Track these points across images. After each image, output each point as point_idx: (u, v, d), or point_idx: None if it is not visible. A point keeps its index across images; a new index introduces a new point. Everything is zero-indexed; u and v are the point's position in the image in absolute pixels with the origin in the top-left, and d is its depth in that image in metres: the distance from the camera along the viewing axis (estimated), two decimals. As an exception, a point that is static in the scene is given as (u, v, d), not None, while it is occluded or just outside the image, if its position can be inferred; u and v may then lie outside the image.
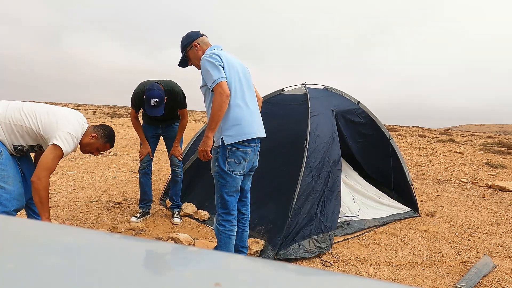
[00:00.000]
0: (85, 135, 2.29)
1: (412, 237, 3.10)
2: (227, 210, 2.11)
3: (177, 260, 0.42)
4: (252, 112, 2.12)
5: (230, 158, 2.04)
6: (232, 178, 2.07)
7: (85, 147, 2.33)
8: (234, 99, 2.03)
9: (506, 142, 10.52)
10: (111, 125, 16.20)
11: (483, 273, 2.40)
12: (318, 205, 2.83)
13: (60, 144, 2.03)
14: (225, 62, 2.03)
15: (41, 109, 2.14)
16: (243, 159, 2.07)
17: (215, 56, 2.01)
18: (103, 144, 2.37)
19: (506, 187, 4.95)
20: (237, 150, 2.04)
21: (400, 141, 10.75)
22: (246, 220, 2.34)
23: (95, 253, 0.41)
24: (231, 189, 2.09)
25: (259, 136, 2.13)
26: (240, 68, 2.15)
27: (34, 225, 0.53)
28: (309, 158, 2.85)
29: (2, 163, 2.02)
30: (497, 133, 24.60)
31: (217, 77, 1.94)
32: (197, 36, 2.23)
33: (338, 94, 3.75)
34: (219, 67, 1.97)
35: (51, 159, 2.01)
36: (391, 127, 18.82)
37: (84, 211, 3.45)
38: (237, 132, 2.02)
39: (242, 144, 2.04)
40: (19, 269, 0.34)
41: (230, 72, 2.04)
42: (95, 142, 2.33)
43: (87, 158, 6.55)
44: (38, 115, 2.10)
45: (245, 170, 2.13)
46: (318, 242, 2.65)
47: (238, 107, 2.04)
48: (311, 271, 0.44)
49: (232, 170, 2.05)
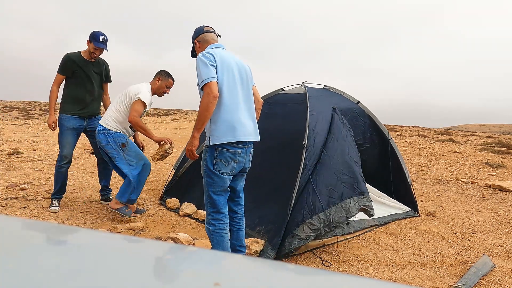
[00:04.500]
0: (152, 84, 3.17)
1: (412, 237, 3.11)
2: (216, 209, 2.10)
3: (177, 260, 0.42)
4: (244, 114, 2.08)
5: (218, 158, 2.02)
6: (219, 178, 2.05)
7: (159, 91, 3.19)
8: (225, 99, 2.01)
9: (506, 142, 10.53)
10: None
11: (482, 273, 2.41)
12: (310, 183, 2.70)
13: (141, 96, 2.97)
14: (219, 62, 2.00)
15: (121, 95, 3.11)
16: (231, 160, 2.04)
17: (209, 55, 2.00)
18: (167, 80, 3.20)
19: (506, 186, 4.96)
20: (225, 151, 2.01)
21: (400, 141, 10.75)
22: (241, 219, 2.31)
23: (95, 253, 0.41)
24: (218, 189, 2.07)
25: (248, 139, 2.08)
26: (238, 68, 2.12)
27: (34, 225, 0.53)
28: (307, 157, 2.85)
29: (130, 149, 3.08)
30: (496, 133, 24.62)
31: (207, 77, 1.93)
32: (198, 33, 2.24)
33: (338, 93, 3.75)
34: (211, 66, 1.95)
35: (137, 104, 2.96)
36: (391, 127, 18.83)
37: (84, 211, 3.45)
38: (225, 134, 1.99)
39: (231, 145, 2.01)
40: (19, 269, 0.34)
41: (223, 72, 2.01)
42: (162, 83, 3.17)
43: (87, 158, 6.55)
44: (122, 99, 3.06)
45: (234, 171, 2.10)
46: (313, 224, 2.52)
47: (228, 108, 2.01)
48: (311, 271, 0.44)
49: (219, 170, 2.03)
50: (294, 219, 2.58)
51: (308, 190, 2.70)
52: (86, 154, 6.92)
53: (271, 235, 2.64)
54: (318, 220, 2.53)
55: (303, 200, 2.65)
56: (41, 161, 6.00)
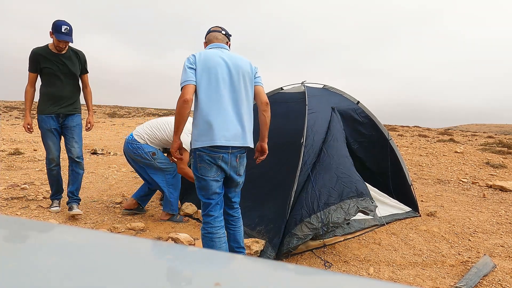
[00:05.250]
0: None
1: (413, 237, 3.10)
2: (205, 212, 2.07)
3: (178, 260, 0.42)
4: (229, 118, 1.99)
5: (199, 163, 1.99)
6: (205, 182, 2.01)
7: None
8: (202, 103, 1.97)
9: (507, 142, 10.51)
10: (111, 125, 16.21)
11: (483, 273, 2.40)
12: (309, 182, 2.68)
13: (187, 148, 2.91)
14: (201, 63, 1.97)
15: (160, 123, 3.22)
16: (213, 164, 1.98)
17: (191, 57, 2.00)
18: None
19: (507, 187, 4.95)
20: (204, 155, 1.97)
21: (401, 141, 10.74)
22: (236, 221, 2.25)
23: (95, 253, 0.41)
24: (207, 192, 2.04)
25: (230, 145, 1.98)
26: (228, 69, 2.02)
27: (34, 225, 0.53)
28: (306, 155, 2.85)
29: (160, 157, 3.14)
30: (497, 133, 24.60)
31: (182, 80, 1.94)
32: (206, 34, 2.26)
33: (338, 93, 3.74)
34: (189, 70, 1.95)
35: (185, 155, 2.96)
36: (392, 127, 18.81)
37: (85, 211, 3.45)
38: (201, 137, 1.96)
39: (209, 149, 1.96)
40: (19, 269, 0.34)
41: (203, 74, 1.96)
42: None
43: (87, 159, 6.55)
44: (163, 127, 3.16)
45: (219, 175, 2.03)
46: (312, 224, 2.50)
47: (205, 112, 1.96)
48: (311, 271, 0.44)
49: (203, 174, 2.00)
50: (293, 218, 2.58)
51: (308, 189, 2.70)
52: (86, 154, 6.93)
53: (271, 235, 2.64)
54: (317, 219, 2.52)
55: (302, 199, 2.65)
56: (41, 161, 6.01)
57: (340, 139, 3.11)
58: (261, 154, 2.28)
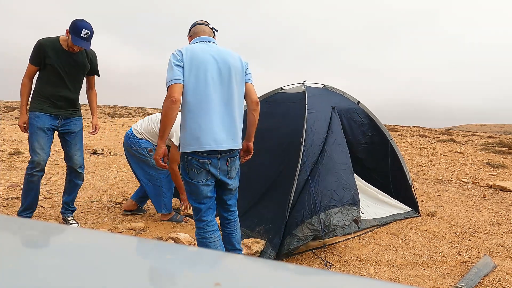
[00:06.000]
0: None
1: (413, 237, 3.10)
2: (198, 217, 1.98)
3: (178, 260, 0.42)
4: (218, 119, 1.87)
5: (188, 167, 1.90)
6: (195, 187, 1.91)
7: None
8: (189, 104, 1.83)
9: (507, 142, 10.50)
10: (111, 125, 16.21)
11: (483, 273, 2.40)
12: (311, 183, 2.67)
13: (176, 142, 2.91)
14: (188, 60, 1.82)
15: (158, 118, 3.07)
16: (202, 169, 1.88)
17: (178, 53, 1.83)
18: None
19: (507, 187, 4.94)
20: (192, 159, 1.87)
21: (401, 141, 10.74)
22: (232, 224, 2.15)
23: (95, 253, 0.41)
24: (197, 197, 1.94)
25: (216, 149, 1.86)
26: (217, 65, 1.88)
27: (34, 225, 0.53)
28: (305, 155, 2.84)
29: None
30: (497, 133, 24.58)
31: (169, 79, 1.78)
32: (191, 28, 2.11)
33: (338, 93, 3.74)
34: (175, 67, 1.79)
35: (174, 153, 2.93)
36: (392, 127, 18.81)
37: (85, 211, 3.45)
38: (190, 142, 1.84)
39: (197, 154, 1.85)
40: (19, 269, 0.34)
41: (191, 71, 1.81)
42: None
43: (88, 159, 6.55)
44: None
45: (210, 179, 1.94)
46: (313, 225, 2.49)
47: (193, 114, 1.83)
48: (311, 271, 0.44)
49: (193, 179, 1.90)
50: (294, 219, 2.58)
51: (309, 190, 2.70)
52: (86, 154, 6.93)
53: (271, 235, 2.64)
54: (318, 220, 2.52)
55: (303, 200, 2.65)
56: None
57: (341, 143, 3.11)
58: (246, 154, 2.19)
